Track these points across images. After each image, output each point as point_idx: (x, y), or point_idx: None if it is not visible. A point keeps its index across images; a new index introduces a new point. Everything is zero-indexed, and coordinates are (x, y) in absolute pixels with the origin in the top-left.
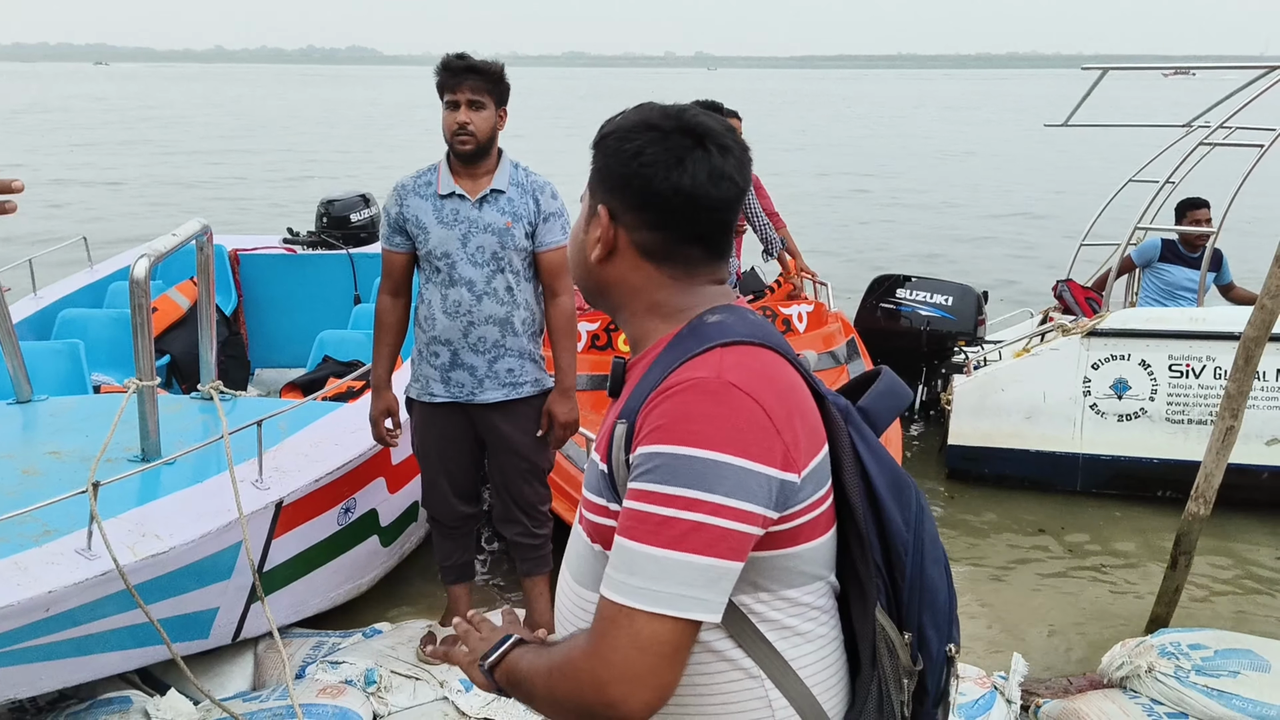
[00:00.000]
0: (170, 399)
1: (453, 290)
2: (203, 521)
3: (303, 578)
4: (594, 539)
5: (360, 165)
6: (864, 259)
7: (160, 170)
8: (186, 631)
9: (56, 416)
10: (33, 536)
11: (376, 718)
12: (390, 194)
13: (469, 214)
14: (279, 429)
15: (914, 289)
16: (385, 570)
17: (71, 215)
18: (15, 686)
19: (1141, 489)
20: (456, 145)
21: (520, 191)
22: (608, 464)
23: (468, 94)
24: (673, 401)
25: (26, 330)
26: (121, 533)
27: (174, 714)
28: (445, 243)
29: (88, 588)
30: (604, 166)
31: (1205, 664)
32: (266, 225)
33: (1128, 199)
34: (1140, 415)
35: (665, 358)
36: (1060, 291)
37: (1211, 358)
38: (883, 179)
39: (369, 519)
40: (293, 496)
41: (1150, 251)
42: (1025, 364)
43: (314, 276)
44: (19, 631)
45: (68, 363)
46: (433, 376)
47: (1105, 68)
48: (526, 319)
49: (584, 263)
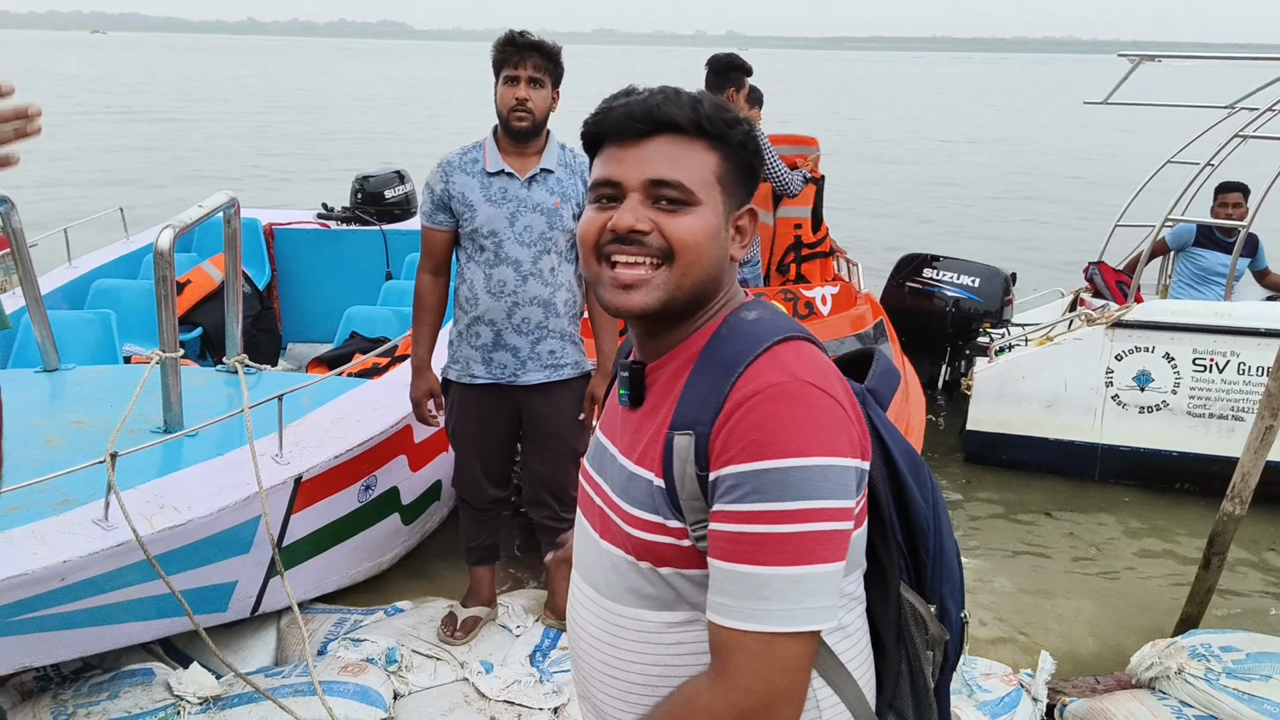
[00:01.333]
0: (196, 371)
1: (498, 270)
2: (221, 495)
3: (322, 554)
4: (640, 555)
5: (401, 142)
6: (893, 240)
7: (198, 142)
8: (205, 604)
9: (82, 386)
10: (51, 505)
11: (397, 697)
12: (434, 170)
13: (517, 192)
14: (301, 404)
15: (941, 269)
16: (406, 549)
17: (111, 185)
18: (33, 654)
19: (1159, 481)
20: (513, 121)
21: (568, 172)
22: (665, 478)
23: (529, 71)
24: (760, 412)
25: (60, 299)
26: (140, 504)
27: (196, 687)
28: (492, 221)
29: (104, 558)
30: (746, 162)
31: (1237, 666)
32: (303, 199)
33: (1165, 181)
34: (1162, 408)
35: (711, 361)
36: (1091, 274)
37: (1236, 353)
38: (913, 160)
39: (390, 497)
40: (312, 472)
41: (1185, 235)
42: (1048, 352)
43: (347, 252)
44: (35, 600)
45: (99, 332)
46: (474, 358)
47: (1141, 55)
48: (569, 300)
49: (720, 261)
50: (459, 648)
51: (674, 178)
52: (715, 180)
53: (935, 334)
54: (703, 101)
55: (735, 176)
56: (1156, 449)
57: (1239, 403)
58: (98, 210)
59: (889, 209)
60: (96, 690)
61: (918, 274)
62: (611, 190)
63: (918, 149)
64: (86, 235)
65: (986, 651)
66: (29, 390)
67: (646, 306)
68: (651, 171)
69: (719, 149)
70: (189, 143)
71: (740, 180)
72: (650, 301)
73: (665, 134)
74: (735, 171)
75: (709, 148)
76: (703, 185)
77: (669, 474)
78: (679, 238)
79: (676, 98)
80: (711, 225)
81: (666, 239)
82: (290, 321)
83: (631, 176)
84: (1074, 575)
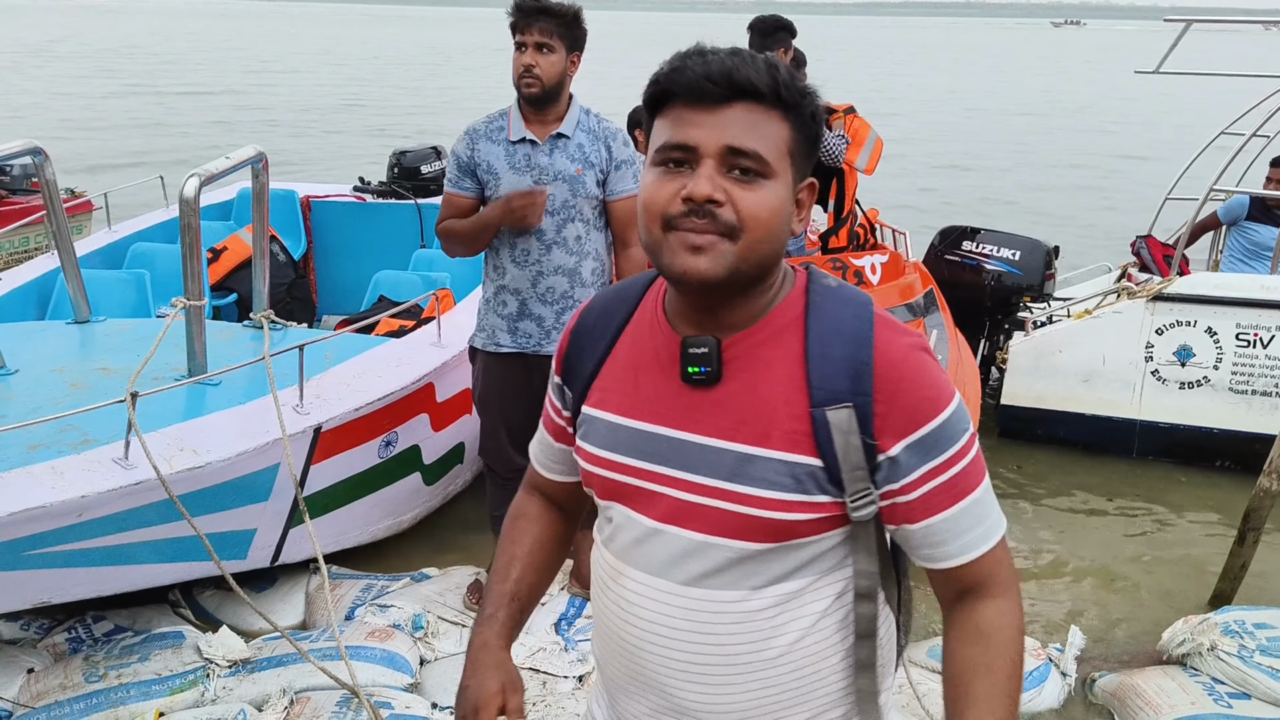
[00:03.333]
0: (222, 326)
1: (523, 238)
2: (241, 440)
3: (342, 508)
4: (762, 537)
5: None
6: (937, 211)
7: (244, 111)
8: (224, 550)
9: (111, 336)
10: (72, 445)
11: (423, 663)
12: (460, 137)
13: (540, 160)
14: (325, 359)
15: (982, 241)
16: (428, 509)
17: (156, 150)
18: (47, 590)
19: (1199, 459)
20: (522, 88)
21: (592, 138)
22: (824, 457)
23: (536, 36)
24: (917, 374)
25: (99, 260)
26: (160, 446)
27: (226, 650)
28: (516, 188)
29: (122, 495)
30: (812, 133)
31: (1270, 644)
32: (339, 173)
33: (1219, 154)
34: (1203, 384)
35: (828, 331)
36: (1139, 248)
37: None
38: (960, 133)
39: (411, 455)
40: (332, 423)
41: (1237, 209)
42: (1085, 326)
43: (382, 225)
44: (52, 534)
45: (134, 291)
46: (499, 326)
47: (1188, 19)
48: (595, 269)
49: (785, 236)
50: None
51: (752, 147)
52: (787, 152)
53: (974, 307)
54: (779, 68)
55: (804, 150)
56: (1197, 426)
57: None
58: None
59: (928, 180)
60: (127, 652)
61: (957, 246)
62: (683, 154)
63: (962, 120)
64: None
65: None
66: (59, 340)
67: (714, 272)
68: (730, 138)
69: (790, 119)
70: (235, 113)
71: (807, 154)
72: (717, 269)
73: (743, 100)
74: (804, 145)
75: (782, 118)
76: (778, 157)
77: (828, 452)
78: (751, 213)
79: (754, 62)
80: (782, 199)
81: (738, 213)
82: (325, 293)
83: (709, 141)
84: (1105, 551)
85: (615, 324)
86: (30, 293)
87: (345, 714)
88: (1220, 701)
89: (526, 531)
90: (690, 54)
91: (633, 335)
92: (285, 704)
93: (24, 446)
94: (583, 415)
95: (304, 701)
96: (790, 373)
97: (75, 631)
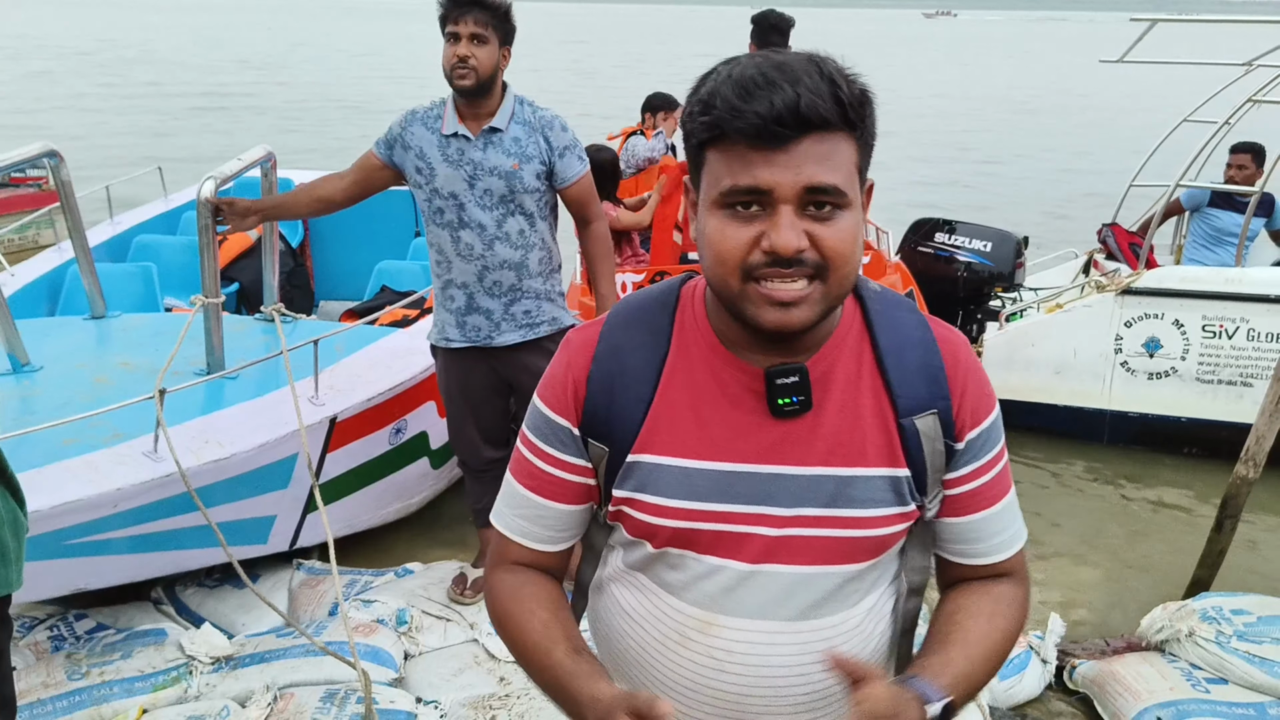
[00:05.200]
0: (235, 320)
1: (464, 233)
2: (261, 432)
3: (355, 493)
4: (868, 554)
5: None
6: (911, 205)
7: (237, 104)
8: (247, 536)
9: (128, 332)
10: (103, 439)
11: (408, 657)
12: (401, 115)
13: (473, 155)
14: (335, 351)
15: (953, 233)
16: (435, 492)
17: (153, 142)
18: (85, 577)
19: (1167, 446)
20: (455, 80)
21: (528, 130)
22: (912, 465)
23: (471, 27)
24: (975, 370)
25: (103, 253)
26: (186, 439)
27: (208, 647)
28: (452, 182)
29: (153, 487)
30: (873, 139)
31: (1248, 629)
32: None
33: (1181, 141)
34: (1171, 374)
35: (896, 339)
36: (1104, 236)
37: (1245, 319)
38: (929, 126)
39: (419, 441)
40: (346, 413)
41: (1200, 196)
42: (1057, 320)
43: (377, 213)
44: (89, 525)
45: (141, 284)
46: (449, 321)
47: (1154, 19)
48: (543, 258)
49: (861, 256)
50: (469, 609)
51: (830, 182)
52: (856, 170)
53: (947, 299)
54: (840, 85)
55: (866, 159)
56: (1165, 415)
57: (1248, 369)
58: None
59: (905, 175)
60: (109, 650)
61: (930, 238)
62: (756, 197)
63: (933, 110)
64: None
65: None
66: (78, 335)
67: (808, 322)
68: (807, 178)
69: (856, 136)
70: (227, 106)
71: (869, 161)
72: (812, 316)
73: (813, 133)
74: (867, 154)
75: (849, 137)
76: (850, 182)
77: (916, 460)
78: (836, 250)
79: (818, 89)
80: (858, 223)
81: (822, 252)
82: (322, 279)
83: (784, 184)
84: (1083, 539)
85: (652, 361)
86: (40, 287)
87: (329, 709)
88: (1198, 687)
89: (541, 603)
90: (740, 87)
91: (682, 370)
92: (269, 700)
93: (58, 441)
94: (632, 465)
95: (288, 697)
96: (871, 385)
97: (57, 629)
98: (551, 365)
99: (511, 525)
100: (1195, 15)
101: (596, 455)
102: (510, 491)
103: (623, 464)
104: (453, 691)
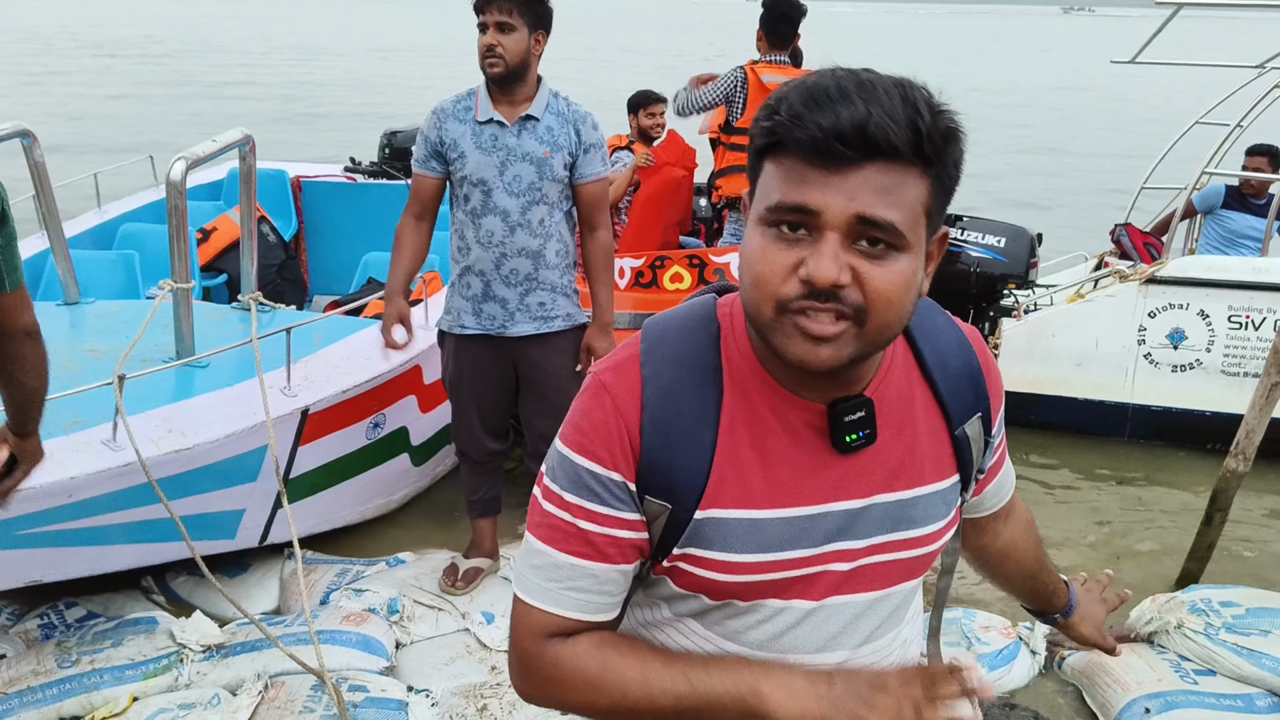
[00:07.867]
0: (211, 307)
1: (486, 219)
2: (228, 422)
3: (331, 488)
4: (929, 565)
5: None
6: None
7: (239, 92)
8: (212, 530)
9: (100, 318)
10: (61, 426)
11: (399, 646)
12: (428, 117)
13: (507, 141)
14: (313, 341)
15: (965, 229)
16: (417, 489)
17: (141, 133)
18: (40, 569)
19: (1190, 441)
20: (486, 68)
21: (560, 121)
22: (960, 471)
23: (496, 15)
24: (993, 359)
25: (89, 241)
26: (149, 427)
27: (199, 636)
28: (482, 169)
29: (110, 477)
30: (953, 183)
31: (1236, 622)
32: (330, 154)
33: (1192, 143)
34: (1195, 366)
35: (935, 348)
36: (1118, 236)
37: (1273, 310)
38: None
39: (399, 436)
40: (320, 405)
41: (1213, 197)
42: (1078, 310)
43: (373, 206)
44: (44, 514)
45: (123, 272)
46: (464, 308)
47: (1179, 3)
48: (560, 251)
49: (913, 308)
50: (460, 598)
51: (887, 219)
52: (924, 213)
53: (958, 295)
54: (922, 113)
55: (942, 204)
56: (1189, 409)
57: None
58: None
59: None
60: (100, 638)
61: None
62: (803, 219)
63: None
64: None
65: (986, 604)
66: (49, 322)
67: (835, 362)
68: (861, 207)
69: (931, 175)
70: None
71: (944, 205)
72: (841, 357)
73: (879, 160)
74: (943, 198)
75: (922, 174)
76: (912, 224)
77: (965, 463)
78: (880, 294)
79: (895, 112)
80: (913, 272)
81: (865, 294)
82: (316, 274)
83: (835, 209)
84: (1075, 533)
85: (709, 403)
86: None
87: (320, 698)
88: (1186, 678)
89: (638, 647)
90: (810, 95)
91: (743, 413)
92: (259, 688)
93: None
94: (702, 521)
95: (279, 686)
96: (924, 401)
97: (47, 618)
98: (585, 413)
99: (565, 602)
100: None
101: (653, 512)
102: (551, 564)
103: (689, 522)
104: (444, 680)
